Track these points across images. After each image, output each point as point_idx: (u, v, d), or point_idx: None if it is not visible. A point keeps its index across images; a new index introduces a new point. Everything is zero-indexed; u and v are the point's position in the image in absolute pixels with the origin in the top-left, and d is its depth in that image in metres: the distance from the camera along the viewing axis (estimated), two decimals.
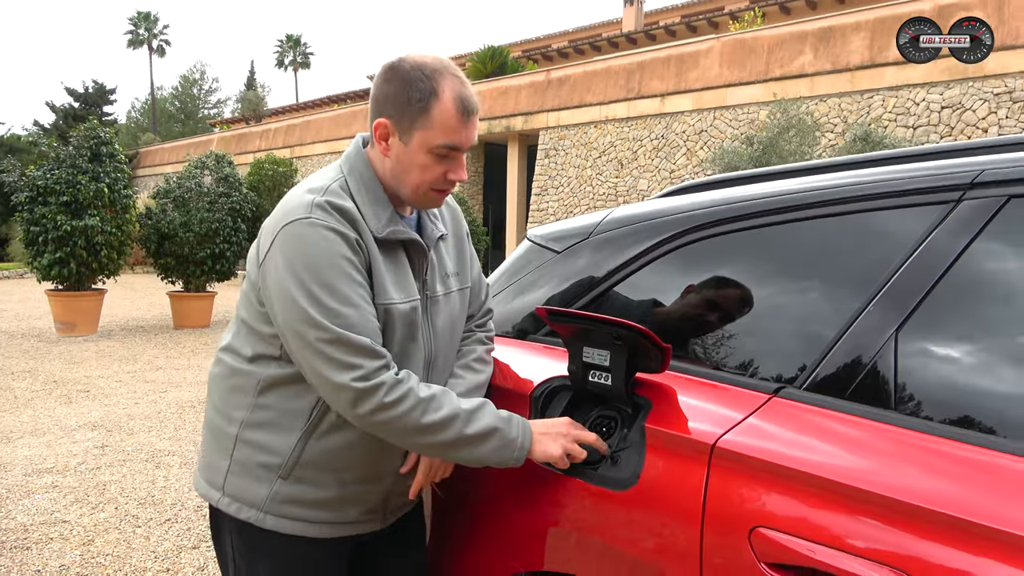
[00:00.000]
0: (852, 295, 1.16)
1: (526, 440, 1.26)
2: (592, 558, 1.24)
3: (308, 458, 1.29)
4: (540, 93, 18.28)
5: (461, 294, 1.46)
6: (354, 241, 1.22)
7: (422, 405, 1.20)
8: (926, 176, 1.15)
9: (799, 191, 1.29)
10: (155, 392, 6.30)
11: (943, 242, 1.09)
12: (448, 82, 1.23)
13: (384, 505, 1.39)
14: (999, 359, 1.05)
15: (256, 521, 1.30)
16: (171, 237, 10.09)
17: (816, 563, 0.98)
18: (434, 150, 1.25)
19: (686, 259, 1.40)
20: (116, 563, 2.98)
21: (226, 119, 44.14)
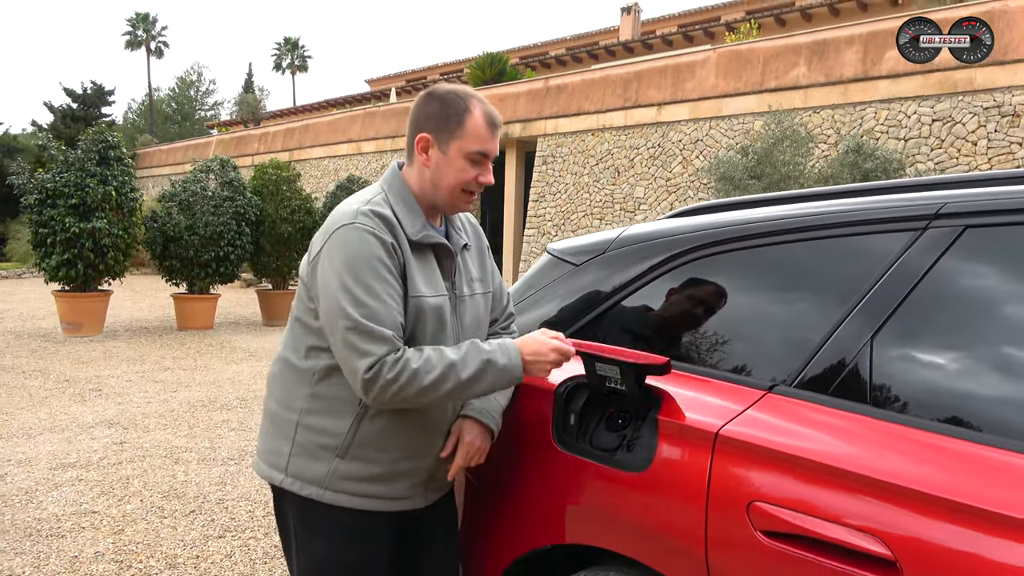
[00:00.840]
0: (836, 306, 1.36)
1: (516, 362, 1.46)
2: (611, 531, 1.44)
3: (361, 438, 1.49)
4: (538, 100, 18.51)
5: (484, 297, 1.67)
6: (390, 245, 1.44)
7: (419, 371, 1.39)
8: (899, 206, 1.36)
9: (793, 216, 1.49)
10: (166, 392, 6.47)
11: (912, 262, 1.30)
12: (477, 102, 1.52)
13: (426, 484, 1.59)
14: (957, 360, 1.24)
15: (317, 496, 1.49)
16: (176, 240, 10.26)
17: (804, 530, 1.18)
18: (469, 155, 1.50)
19: (693, 274, 1.60)
20: (147, 551, 3.16)
21: (223, 121, 44.24)
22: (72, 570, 2.96)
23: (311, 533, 1.53)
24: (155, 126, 51.11)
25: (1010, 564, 0.99)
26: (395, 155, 21.73)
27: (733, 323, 1.54)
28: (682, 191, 15.35)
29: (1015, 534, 1.00)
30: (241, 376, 7.33)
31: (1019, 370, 1.16)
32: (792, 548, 1.19)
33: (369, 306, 1.38)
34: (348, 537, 1.52)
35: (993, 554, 1.01)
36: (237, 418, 5.60)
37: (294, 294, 7.48)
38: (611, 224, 16.36)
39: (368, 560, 1.55)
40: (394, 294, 1.43)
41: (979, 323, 1.23)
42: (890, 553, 1.09)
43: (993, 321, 1.22)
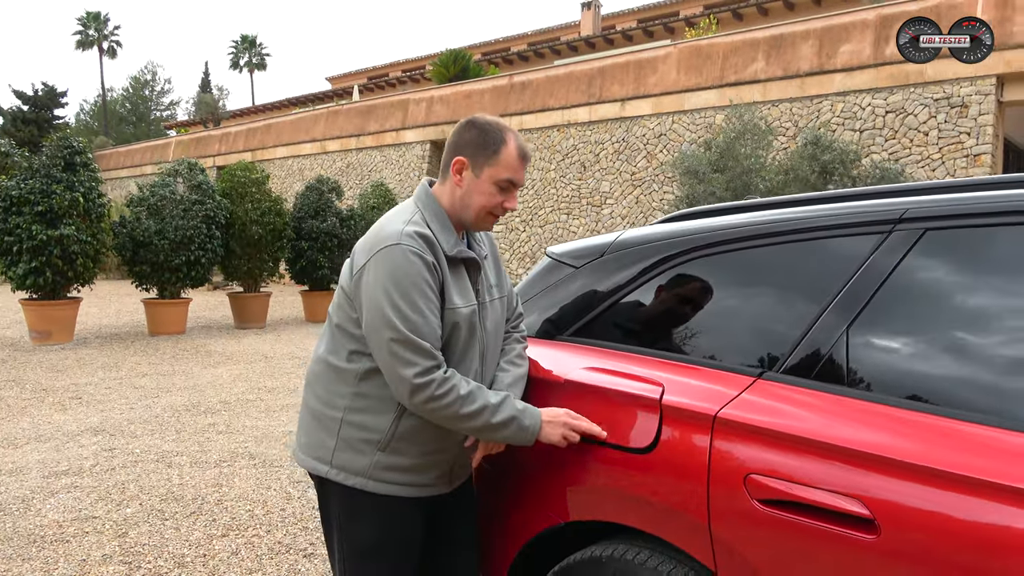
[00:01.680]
0: (815, 301, 1.54)
1: (536, 427, 1.64)
2: (622, 507, 1.61)
3: (400, 433, 1.64)
4: (503, 97, 18.65)
5: (501, 301, 1.83)
6: (431, 264, 1.59)
7: (461, 399, 1.57)
8: (869, 211, 1.55)
9: (776, 221, 1.67)
10: (147, 398, 6.48)
11: (880, 261, 1.48)
12: (512, 135, 1.67)
13: (451, 472, 1.75)
14: (921, 346, 1.43)
15: (361, 486, 1.65)
16: (146, 245, 10.19)
17: (795, 497, 1.35)
18: (498, 182, 1.66)
19: (686, 275, 1.78)
20: (154, 552, 3.25)
21: (181, 122, 43.47)
22: (82, 573, 3.04)
23: (353, 520, 1.68)
24: (110, 127, 49.98)
25: (971, 520, 1.18)
26: (360, 153, 21.69)
27: (724, 318, 1.71)
28: (647, 185, 15.64)
29: (975, 492, 1.19)
30: (220, 380, 7.36)
31: (974, 353, 1.35)
32: (785, 513, 1.36)
33: (413, 321, 1.53)
34: (388, 522, 1.68)
35: (956, 510, 1.20)
36: (223, 421, 5.66)
37: (267, 297, 7.68)
38: (578, 218, 16.60)
39: (405, 543, 1.71)
40: (435, 309, 1.58)
41: (938, 313, 1.42)
42: (869, 513, 1.28)
43: (950, 311, 1.41)
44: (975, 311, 1.38)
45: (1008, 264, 1.38)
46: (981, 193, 1.47)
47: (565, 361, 1.86)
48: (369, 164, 21.39)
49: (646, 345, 1.79)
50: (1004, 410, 1.27)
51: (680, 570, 1.54)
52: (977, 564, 1.17)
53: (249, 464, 4.56)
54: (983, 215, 1.41)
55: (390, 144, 20.96)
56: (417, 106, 20.57)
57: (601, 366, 1.77)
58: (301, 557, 3.21)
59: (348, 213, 13.03)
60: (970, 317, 1.38)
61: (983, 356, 1.35)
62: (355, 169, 21.69)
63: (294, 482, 4.22)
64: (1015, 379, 1.29)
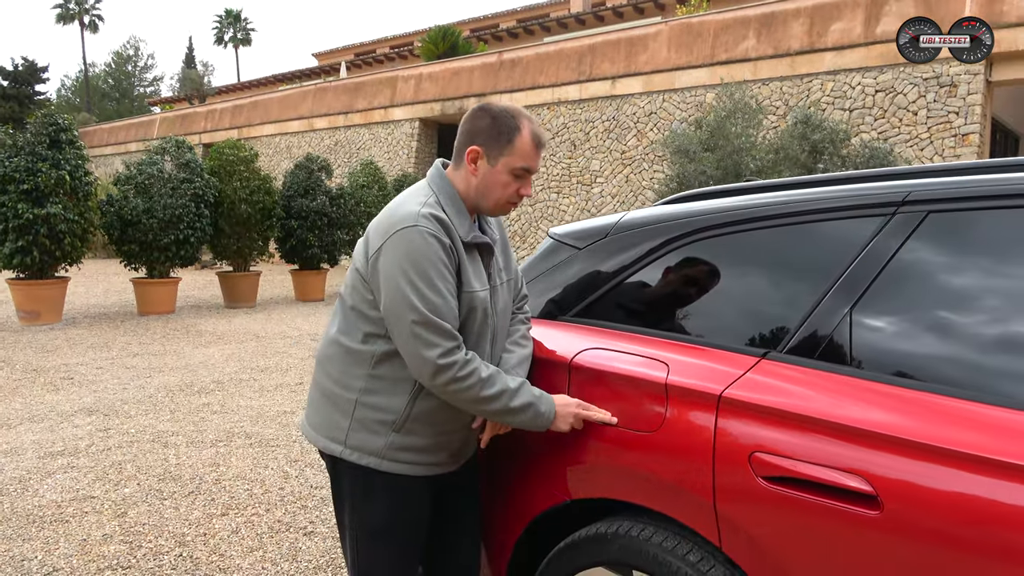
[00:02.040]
0: (818, 282, 1.57)
1: (551, 414, 1.67)
2: (629, 485, 1.64)
3: (415, 414, 1.67)
4: (493, 74, 18.52)
5: (509, 284, 1.85)
6: (448, 246, 1.60)
7: (482, 382, 1.59)
8: (872, 194, 1.57)
9: (780, 203, 1.69)
10: (140, 378, 6.47)
11: (883, 243, 1.51)
12: (527, 122, 1.66)
13: (459, 451, 1.78)
14: (923, 328, 1.46)
15: (375, 466, 1.67)
16: (135, 224, 10.10)
17: (798, 474, 1.39)
18: (514, 171, 1.66)
19: (690, 256, 1.80)
20: (155, 531, 3.27)
21: (166, 98, 42.88)
22: (83, 552, 3.06)
23: (367, 499, 1.71)
24: (92, 103, 49.26)
25: (971, 496, 1.22)
26: (348, 131, 21.51)
27: (728, 299, 1.73)
28: (637, 163, 15.63)
29: (976, 469, 1.22)
30: (213, 360, 7.36)
31: (975, 334, 1.38)
32: (789, 490, 1.40)
33: (433, 302, 1.55)
34: (399, 501, 1.71)
35: (956, 487, 1.23)
36: (217, 401, 5.67)
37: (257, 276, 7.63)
38: (568, 197, 16.58)
39: (415, 522, 1.74)
40: (452, 290, 1.60)
41: (939, 295, 1.45)
42: (872, 489, 1.31)
43: (951, 293, 1.44)
44: (976, 293, 1.41)
45: (1009, 247, 1.40)
46: (982, 176, 1.49)
47: (569, 342, 1.88)
48: (357, 142, 21.23)
49: (650, 326, 1.82)
50: (1003, 390, 1.30)
51: (685, 545, 1.57)
52: (977, 539, 1.20)
53: (245, 444, 4.57)
54: (985, 198, 1.43)
55: (379, 122, 20.79)
56: (406, 83, 20.39)
57: (606, 346, 1.79)
58: (301, 535, 3.24)
59: (338, 192, 12.94)
60: (971, 299, 1.41)
61: (982, 337, 1.38)
62: (343, 147, 21.52)
63: (291, 461, 4.25)
64: (1014, 360, 1.32)
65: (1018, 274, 1.38)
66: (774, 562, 1.42)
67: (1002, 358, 1.35)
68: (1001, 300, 1.37)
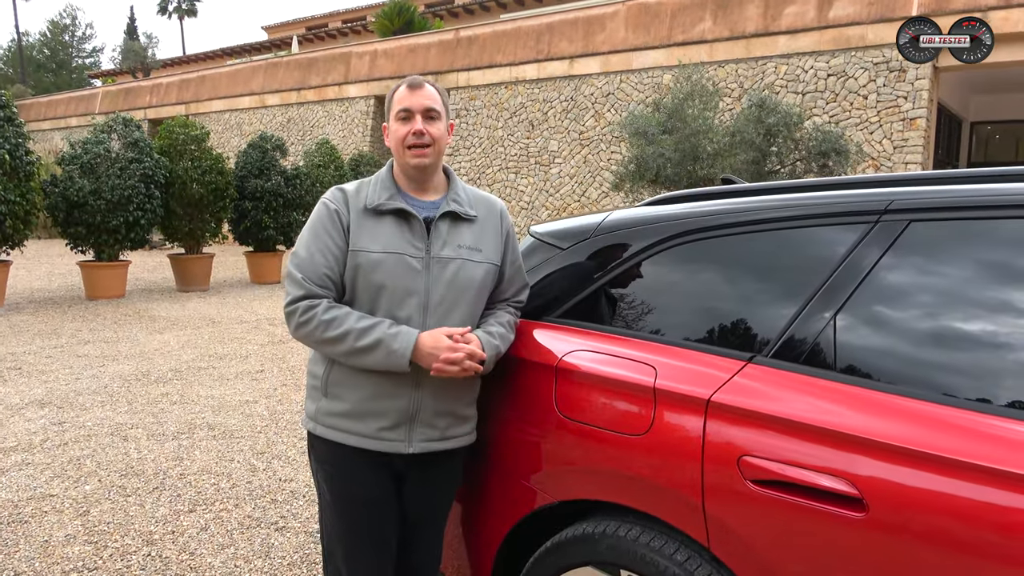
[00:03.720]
0: (803, 287, 1.60)
1: (406, 351, 1.69)
2: (617, 487, 1.66)
3: (334, 378, 1.79)
4: (449, 52, 18.28)
5: (477, 265, 1.82)
6: (334, 211, 1.77)
7: (324, 324, 1.70)
8: (856, 201, 1.60)
9: (765, 207, 1.71)
10: (93, 367, 6.28)
11: (866, 250, 1.54)
12: (405, 81, 1.84)
13: (409, 431, 1.77)
14: (905, 333, 1.51)
15: (312, 429, 1.83)
16: (81, 206, 9.74)
17: (786, 477, 1.42)
18: (396, 116, 1.80)
19: (675, 259, 1.81)
20: (120, 529, 3.20)
21: (107, 71, 41.23)
22: (46, 555, 2.98)
23: (315, 465, 1.87)
24: (27, 75, 47.07)
25: (953, 499, 1.27)
26: (301, 108, 21.04)
27: (713, 302, 1.76)
28: (595, 144, 15.67)
29: (958, 473, 1.27)
30: (169, 347, 7.18)
31: (955, 341, 1.43)
32: (777, 493, 1.43)
33: (300, 256, 1.76)
34: (339, 468, 1.80)
35: (939, 490, 1.28)
36: (176, 391, 5.54)
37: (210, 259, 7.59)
38: (526, 177, 16.56)
39: (352, 496, 1.80)
40: (325, 250, 1.74)
41: (921, 302, 1.49)
42: (857, 492, 1.35)
43: (933, 300, 1.48)
44: (957, 301, 1.45)
45: (990, 256, 1.45)
46: (964, 187, 1.54)
47: (555, 343, 1.89)
48: (311, 119, 20.78)
49: (635, 328, 1.83)
50: (981, 395, 1.35)
51: (672, 545, 1.60)
52: (959, 540, 1.25)
53: (208, 436, 4.49)
54: (966, 208, 1.47)
55: (333, 99, 20.37)
56: (360, 59, 19.99)
57: (593, 348, 1.80)
58: (273, 531, 3.21)
59: (294, 172, 12.68)
60: (953, 307, 1.45)
61: (963, 344, 1.43)
62: (297, 124, 21.05)
63: (257, 453, 4.19)
64: (993, 365, 1.38)
65: (997, 283, 1.43)
66: (762, 562, 1.46)
67: (982, 365, 1.40)
68: (982, 308, 1.42)
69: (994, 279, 1.43)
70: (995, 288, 1.42)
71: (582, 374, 1.76)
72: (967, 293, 1.45)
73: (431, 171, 1.83)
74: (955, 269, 1.48)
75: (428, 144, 1.78)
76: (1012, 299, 1.40)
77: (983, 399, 1.35)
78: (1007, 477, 1.22)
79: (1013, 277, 1.41)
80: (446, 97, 1.87)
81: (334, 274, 1.75)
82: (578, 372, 1.77)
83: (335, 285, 1.76)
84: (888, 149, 12.45)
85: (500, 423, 1.92)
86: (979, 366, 1.39)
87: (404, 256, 1.74)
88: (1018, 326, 1.38)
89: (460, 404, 1.83)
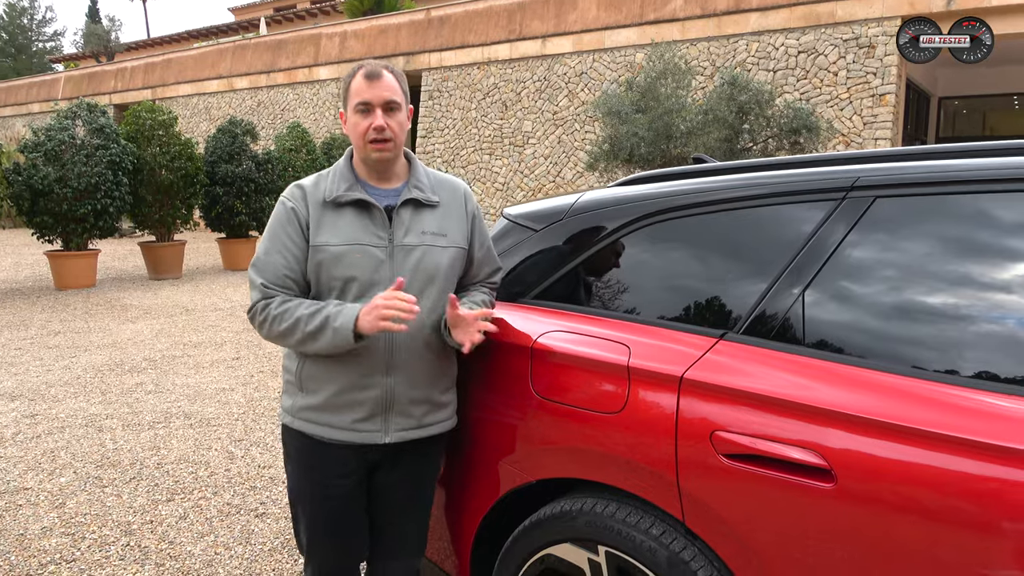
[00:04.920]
0: (772, 264, 1.62)
1: (348, 324, 1.64)
2: (594, 464, 1.69)
3: (307, 373, 1.79)
4: (421, 32, 18.08)
5: (443, 251, 1.81)
6: (291, 210, 1.76)
7: (276, 318, 1.72)
8: (824, 179, 1.62)
9: (734, 186, 1.73)
10: (65, 358, 6.19)
11: (834, 228, 1.57)
12: (361, 67, 1.77)
13: (385, 420, 1.77)
14: (871, 307, 1.54)
15: (287, 423, 1.84)
16: (46, 194, 9.54)
17: (757, 451, 1.45)
18: (355, 109, 1.74)
19: (648, 239, 1.83)
20: (97, 521, 3.18)
21: (68, 55, 40.19)
22: (22, 548, 2.95)
23: (288, 459, 1.88)
24: None
25: (917, 464, 1.30)
26: (271, 91, 20.72)
27: (686, 282, 1.78)
28: (569, 124, 15.64)
29: (922, 443, 1.31)
30: (142, 336, 7.09)
31: (919, 314, 1.46)
32: (749, 466, 1.46)
33: (259, 258, 1.77)
34: (310, 459, 1.81)
35: (903, 458, 1.32)
36: (151, 380, 5.49)
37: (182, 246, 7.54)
38: (501, 159, 16.50)
39: (322, 489, 1.80)
40: (284, 250, 1.74)
41: (887, 277, 1.52)
42: (826, 463, 1.39)
43: (899, 275, 1.51)
44: (924, 275, 1.48)
45: (955, 230, 1.48)
46: (929, 163, 1.56)
47: (530, 324, 1.90)
48: (281, 102, 20.48)
49: (609, 307, 1.85)
50: (948, 367, 1.39)
51: (647, 520, 1.63)
52: (926, 509, 1.29)
53: (185, 424, 4.46)
54: (930, 184, 1.50)
55: (303, 81, 20.08)
56: (330, 41, 19.70)
57: (567, 329, 1.82)
58: (253, 517, 3.21)
59: (265, 156, 12.51)
60: (919, 281, 1.49)
61: (927, 318, 1.46)
62: (267, 108, 20.73)
63: (235, 441, 4.17)
64: (959, 338, 1.41)
65: (962, 257, 1.47)
66: (735, 534, 1.50)
67: (948, 337, 1.43)
68: (948, 282, 1.45)
69: (959, 253, 1.46)
70: (960, 262, 1.45)
71: (557, 355, 1.78)
72: (933, 267, 1.48)
73: (393, 162, 1.81)
74: (921, 244, 1.51)
75: (389, 139, 1.74)
76: (976, 272, 1.43)
77: (950, 371, 1.38)
78: (972, 446, 1.26)
79: (977, 251, 1.45)
80: (404, 83, 1.81)
81: (294, 273, 1.75)
82: (553, 353, 1.79)
83: (296, 284, 1.76)
84: (858, 125, 12.58)
85: (477, 405, 1.93)
86: (945, 339, 1.43)
87: (367, 247, 1.73)
88: (982, 299, 1.41)
89: (436, 391, 1.83)
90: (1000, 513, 1.22)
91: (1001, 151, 1.61)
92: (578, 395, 1.72)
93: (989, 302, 1.41)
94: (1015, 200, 1.43)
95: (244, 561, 2.84)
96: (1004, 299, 1.40)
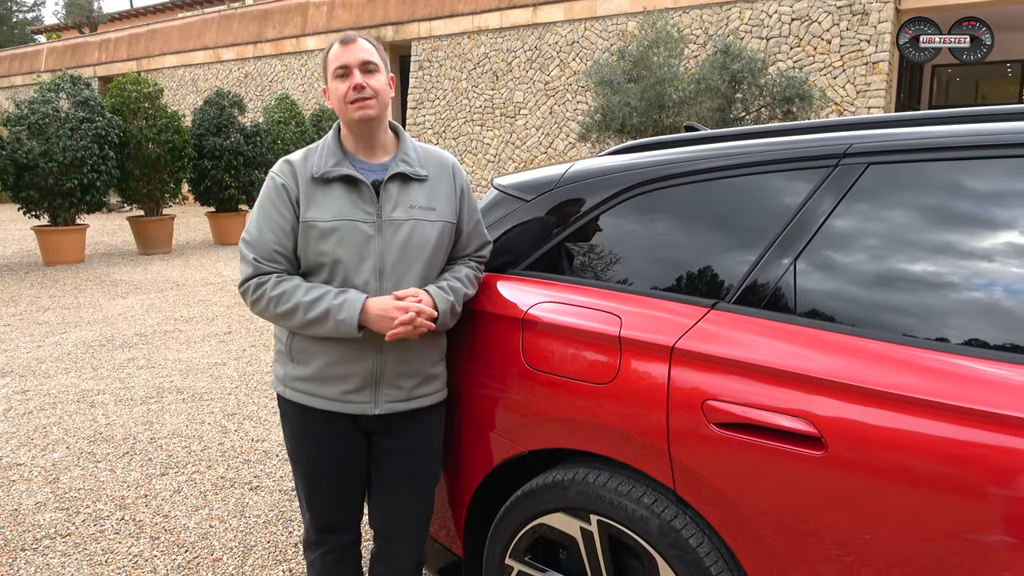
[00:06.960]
0: (764, 233, 1.61)
1: (351, 320, 1.67)
2: (586, 434, 1.69)
3: (298, 345, 1.80)
4: (410, 2, 17.79)
5: (432, 225, 1.79)
6: (280, 186, 1.75)
7: (273, 300, 1.72)
8: (816, 146, 1.61)
9: (726, 154, 1.71)
10: (55, 334, 6.16)
11: (826, 195, 1.56)
12: (338, 38, 1.78)
13: (375, 392, 1.78)
14: (863, 276, 1.53)
15: (281, 392, 1.86)
16: (31, 168, 9.41)
17: (748, 419, 1.46)
18: (334, 75, 1.75)
19: (638, 208, 1.81)
20: (91, 495, 3.18)
21: (50, 26, 39.42)
22: (16, 523, 2.95)
23: (284, 426, 1.91)
24: None
25: (907, 430, 1.31)
26: (258, 62, 20.42)
27: (676, 250, 1.77)
28: (561, 94, 15.49)
29: (911, 410, 1.31)
30: (133, 311, 7.06)
31: (910, 282, 1.46)
32: (740, 435, 1.47)
33: (250, 233, 1.76)
34: (299, 431, 1.85)
35: (892, 425, 1.32)
36: (143, 355, 5.47)
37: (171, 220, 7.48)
38: (492, 130, 16.36)
39: (316, 456, 1.84)
40: (275, 227, 1.73)
41: (879, 245, 1.52)
42: (816, 431, 1.39)
43: (891, 243, 1.51)
44: (915, 243, 1.48)
45: (947, 197, 1.47)
46: (921, 128, 1.55)
47: (521, 295, 1.89)
48: (269, 74, 20.20)
49: (600, 278, 1.84)
50: (938, 334, 1.39)
51: (639, 489, 1.64)
52: (916, 475, 1.30)
53: (177, 399, 4.45)
54: (923, 150, 1.49)
55: (290, 52, 19.78)
56: (318, 10, 19.38)
57: (558, 299, 1.81)
58: (247, 490, 3.22)
59: (253, 129, 12.36)
60: (910, 249, 1.48)
61: (918, 285, 1.46)
62: (254, 79, 20.44)
63: (228, 415, 4.17)
64: (950, 305, 1.41)
65: (953, 224, 1.46)
66: (726, 502, 1.50)
67: (939, 305, 1.43)
68: (939, 250, 1.45)
69: (951, 220, 1.45)
70: (952, 229, 1.45)
71: (548, 325, 1.77)
72: (925, 235, 1.47)
73: (377, 125, 1.77)
74: (913, 211, 1.50)
75: (370, 96, 1.72)
76: (968, 240, 1.43)
77: (941, 338, 1.38)
78: (962, 413, 1.26)
79: (969, 218, 1.44)
80: (383, 51, 1.80)
81: (284, 249, 1.74)
82: (544, 323, 1.78)
83: (287, 260, 1.75)
84: (851, 94, 12.51)
85: (468, 377, 1.93)
86: (936, 306, 1.43)
87: (355, 222, 1.72)
88: (974, 266, 1.41)
89: (426, 364, 1.83)
90: (989, 479, 1.23)
91: (995, 116, 1.59)
92: (569, 366, 1.72)
93: (980, 269, 1.40)
94: (1008, 166, 1.42)
95: (239, 534, 2.85)
96: (995, 267, 1.39)
